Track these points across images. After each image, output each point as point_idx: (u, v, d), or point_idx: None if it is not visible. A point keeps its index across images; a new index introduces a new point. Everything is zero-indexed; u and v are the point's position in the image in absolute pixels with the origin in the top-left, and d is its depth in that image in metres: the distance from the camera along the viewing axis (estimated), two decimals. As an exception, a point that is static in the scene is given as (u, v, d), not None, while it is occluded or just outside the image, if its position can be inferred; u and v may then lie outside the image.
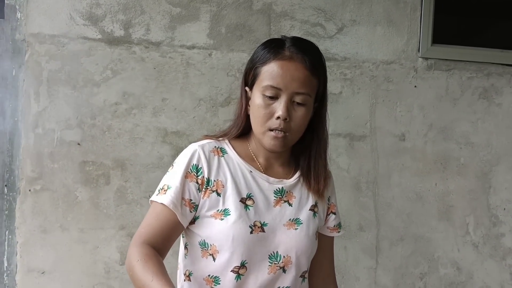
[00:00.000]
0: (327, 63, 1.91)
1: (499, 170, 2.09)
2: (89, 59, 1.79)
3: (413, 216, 2.03)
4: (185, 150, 1.10)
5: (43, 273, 1.76)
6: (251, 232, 1.04)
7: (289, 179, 1.14)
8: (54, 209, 1.76)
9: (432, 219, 2.05)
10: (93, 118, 1.80)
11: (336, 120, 1.96)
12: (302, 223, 1.10)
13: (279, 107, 1.03)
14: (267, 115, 1.05)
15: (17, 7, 1.75)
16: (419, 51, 2.02)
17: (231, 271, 1.05)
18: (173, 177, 1.06)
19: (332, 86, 1.96)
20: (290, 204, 1.11)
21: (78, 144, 1.78)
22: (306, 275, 1.14)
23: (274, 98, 1.04)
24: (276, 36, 1.69)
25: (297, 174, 1.15)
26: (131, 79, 1.82)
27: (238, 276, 1.05)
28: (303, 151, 1.15)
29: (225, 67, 1.87)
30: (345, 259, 1.97)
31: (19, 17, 1.75)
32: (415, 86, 2.03)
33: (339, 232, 1.24)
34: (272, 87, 1.04)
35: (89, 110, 1.79)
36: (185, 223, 1.06)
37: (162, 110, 1.84)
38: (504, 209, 2.10)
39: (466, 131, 2.07)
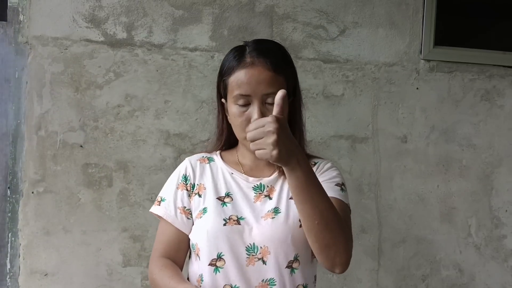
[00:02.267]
0: (329, 65, 1.96)
1: (501, 172, 2.10)
2: (92, 61, 1.79)
3: (415, 218, 2.03)
4: (178, 165, 1.22)
5: (46, 275, 1.76)
6: (224, 225, 1.08)
7: (270, 176, 1.17)
8: (57, 211, 1.77)
9: (434, 221, 2.05)
10: (95, 121, 1.80)
11: (338, 122, 1.96)
12: (280, 212, 1.11)
13: (254, 112, 1.07)
14: (244, 122, 1.08)
15: (20, 9, 1.75)
16: (421, 53, 2.03)
17: (209, 264, 1.09)
18: (167, 190, 1.19)
19: (334, 88, 1.96)
20: (270, 198, 1.14)
21: (81, 146, 1.79)
22: (295, 266, 1.10)
23: (247, 105, 1.08)
24: (277, 39, 1.71)
25: (278, 170, 1.17)
26: (133, 82, 1.82)
27: (217, 268, 1.08)
28: None
29: (227, 69, 1.87)
30: (347, 261, 1.96)
31: (22, 19, 1.75)
32: (417, 88, 2.03)
33: (343, 190, 1.15)
34: (242, 95, 1.08)
35: (92, 113, 1.80)
36: (186, 231, 1.15)
37: (165, 112, 1.84)
38: (506, 211, 2.10)
39: (468, 133, 2.07)
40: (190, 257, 1.18)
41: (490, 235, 2.09)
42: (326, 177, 1.16)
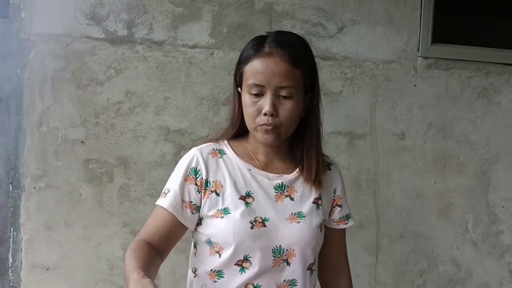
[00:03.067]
0: (327, 62, 1.97)
1: (498, 169, 2.12)
2: (93, 58, 1.81)
3: (413, 214, 2.05)
4: (185, 155, 1.14)
5: (47, 269, 1.78)
6: (251, 228, 1.06)
7: (289, 174, 1.16)
8: (58, 206, 1.79)
9: (431, 217, 2.07)
10: (96, 117, 1.82)
11: (336, 118, 1.98)
12: (304, 216, 1.11)
13: (265, 104, 1.05)
14: (255, 112, 1.07)
15: (21, 6, 1.77)
16: (418, 50, 2.04)
17: (235, 264, 1.07)
18: (173, 181, 1.10)
19: (333, 85, 1.98)
20: (292, 199, 1.13)
21: (82, 142, 1.81)
22: (314, 268, 1.15)
23: (260, 95, 1.06)
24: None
25: (298, 169, 1.16)
26: (134, 78, 1.84)
27: (243, 269, 1.07)
28: (299, 144, 1.16)
29: (226, 66, 1.89)
30: (346, 256, 1.98)
31: (23, 16, 1.77)
32: (415, 85, 2.05)
33: (347, 223, 1.24)
34: (256, 85, 1.05)
35: (93, 109, 1.82)
36: (189, 225, 1.10)
37: (165, 109, 1.86)
38: (503, 207, 2.12)
39: (465, 130, 2.09)
40: (196, 248, 1.15)
41: (487, 231, 2.11)
42: (344, 201, 1.25)
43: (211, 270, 1.09)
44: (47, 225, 1.78)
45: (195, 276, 1.15)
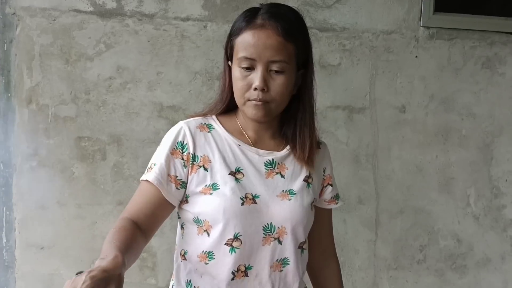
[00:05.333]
0: (325, 34, 1.90)
1: (502, 141, 2.06)
2: (81, 32, 1.75)
3: (413, 189, 2.01)
4: (171, 128, 1.10)
5: (42, 248, 1.76)
6: (242, 204, 1.02)
7: (280, 151, 1.12)
8: (51, 185, 1.76)
9: (432, 192, 2.03)
10: (87, 93, 1.77)
11: (335, 92, 1.93)
12: (296, 193, 1.08)
13: (256, 78, 1.01)
14: (245, 86, 1.02)
15: (6, -21, 1.70)
16: (420, 20, 1.97)
17: (225, 244, 1.03)
18: (159, 155, 1.06)
19: (331, 58, 1.92)
20: (282, 176, 1.10)
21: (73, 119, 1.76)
22: (305, 247, 1.13)
23: (251, 69, 1.02)
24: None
25: (288, 146, 1.13)
26: (124, 53, 1.78)
27: (233, 249, 1.03)
28: (290, 120, 1.13)
29: (220, 39, 1.82)
30: (344, 232, 1.96)
31: (8, -10, 1.71)
32: (416, 56, 1.98)
33: (337, 203, 1.23)
34: (246, 58, 1.01)
35: (83, 85, 1.77)
36: (173, 201, 1.05)
37: (157, 84, 1.81)
38: (506, 180, 2.08)
39: (468, 102, 2.03)
40: (183, 229, 1.11)
41: (489, 205, 2.07)
42: (334, 181, 1.22)
43: (202, 251, 1.05)
44: (40, 204, 1.75)
45: (182, 260, 1.11)
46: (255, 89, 1.01)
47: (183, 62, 1.82)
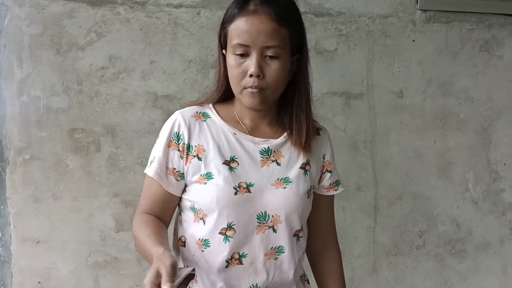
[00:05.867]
0: (321, 19, 1.87)
1: (500, 125, 2.05)
2: (72, 21, 1.71)
3: (412, 174, 2.00)
4: (168, 120, 1.11)
5: (38, 242, 1.74)
6: (235, 193, 1.03)
7: (276, 138, 1.11)
8: (45, 178, 1.73)
9: (431, 177, 2.02)
10: (79, 84, 1.73)
11: (331, 78, 1.90)
12: (291, 181, 1.08)
13: (251, 65, 1.00)
14: (241, 74, 1.02)
15: (-8, -32, 1.65)
16: (417, 3, 1.94)
17: (219, 233, 1.04)
18: (157, 148, 1.09)
19: (327, 43, 1.88)
20: (278, 164, 1.09)
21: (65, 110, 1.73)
22: (301, 234, 1.12)
23: (245, 55, 1.01)
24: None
25: (285, 133, 1.12)
26: (116, 42, 1.74)
27: (226, 237, 1.04)
28: (286, 107, 1.12)
29: (214, 26, 1.78)
30: (343, 219, 1.95)
31: (-5, -21, 1.66)
32: (413, 40, 1.95)
33: (336, 190, 1.22)
34: (240, 45, 1.01)
35: (75, 76, 1.73)
36: (174, 192, 1.09)
37: (151, 74, 1.78)
38: (505, 164, 2.07)
39: (466, 86, 2.01)
40: (181, 216, 1.13)
41: (488, 189, 2.07)
42: (334, 167, 1.21)
43: (199, 239, 1.07)
44: (34, 198, 1.72)
45: (180, 246, 1.12)
46: (251, 75, 1.01)
47: (177, 50, 1.78)
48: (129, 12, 1.74)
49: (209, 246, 1.06)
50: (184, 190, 1.09)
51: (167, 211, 1.10)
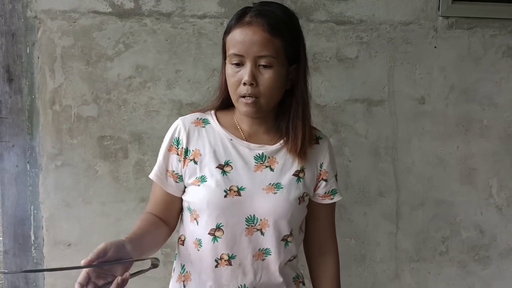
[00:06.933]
0: (342, 27, 1.90)
1: (524, 131, 2.03)
2: (101, 33, 1.78)
3: (434, 180, 2.00)
4: (171, 126, 1.20)
5: (69, 245, 1.81)
6: (225, 196, 1.08)
7: (272, 145, 1.15)
8: (75, 184, 1.80)
9: (454, 183, 2.01)
10: (108, 93, 1.80)
11: (353, 85, 1.92)
12: (282, 187, 1.11)
13: (245, 73, 1.05)
14: (236, 83, 1.07)
15: (26, -17, 1.74)
16: (439, 9, 1.94)
17: (208, 233, 1.10)
18: (160, 153, 1.18)
19: (348, 51, 1.91)
20: (272, 169, 1.13)
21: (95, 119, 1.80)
22: (290, 239, 1.14)
23: (240, 65, 1.06)
24: (287, 3, 1.66)
25: (282, 140, 1.16)
26: (143, 52, 1.80)
27: (215, 238, 1.09)
28: (284, 114, 1.16)
29: (237, 36, 1.83)
30: (365, 225, 1.96)
31: (29, -6, 1.74)
32: (435, 47, 1.96)
33: (332, 199, 1.22)
34: (235, 54, 1.06)
35: (104, 85, 1.80)
36: (174, 192, 1.17)
37: (176, 82, 1.83)
38: (529, 170, 2.05)
39: (489, 92, 2.00)
40: (182, 215, 1.20)
41: (512, 195, 2.05)
42: (331, 176, 1.20)
43: (195, 238, 1.13)
44: (66, 203, 1.80)
45: (180, 244, 1.19)
46: (244, 84, 1.06)
47: (201, 60, 1.84)
48: (155, 23, 1.80)
49: (202, 246, 1.12)
50: (183, 192, 1.17)
51: (169, 212, 1.18)
